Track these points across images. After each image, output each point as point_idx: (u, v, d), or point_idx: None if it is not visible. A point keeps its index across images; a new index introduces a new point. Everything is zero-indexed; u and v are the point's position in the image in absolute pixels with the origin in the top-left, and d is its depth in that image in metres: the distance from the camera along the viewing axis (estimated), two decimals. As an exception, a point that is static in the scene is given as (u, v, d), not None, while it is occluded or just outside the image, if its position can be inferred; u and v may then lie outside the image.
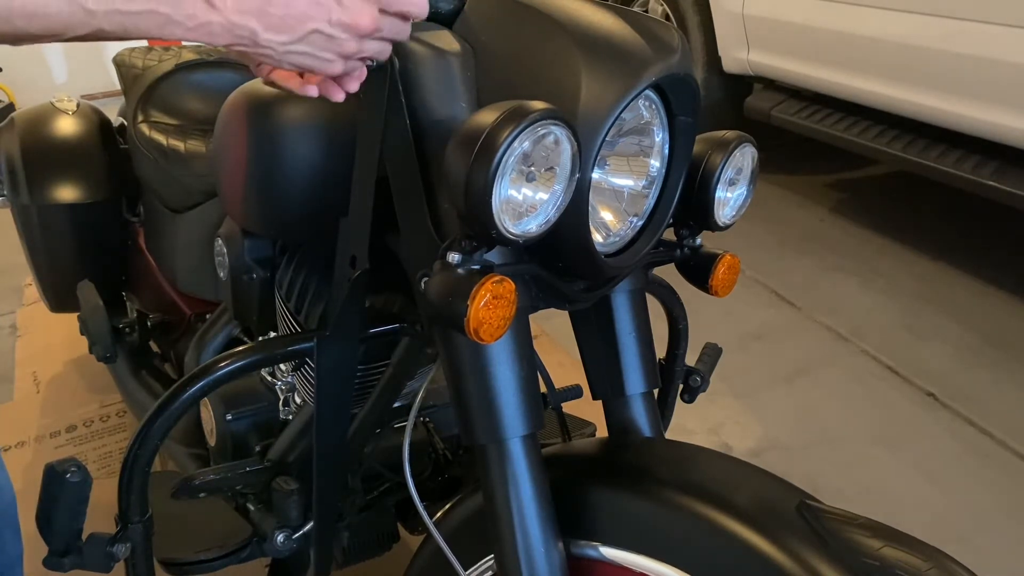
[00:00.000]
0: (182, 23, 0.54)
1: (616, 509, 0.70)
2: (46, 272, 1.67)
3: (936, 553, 0.60)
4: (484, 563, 0.78)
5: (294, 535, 0.99)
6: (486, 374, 0.68)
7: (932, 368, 2.04)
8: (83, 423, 1.84)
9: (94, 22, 0.52)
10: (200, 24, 0.54)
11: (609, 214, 0.73)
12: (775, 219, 2.89)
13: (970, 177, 2.19)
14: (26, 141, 1.58)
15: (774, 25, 2.70)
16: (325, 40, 0.58)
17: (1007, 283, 2.41)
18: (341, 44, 0.59)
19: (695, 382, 1.04)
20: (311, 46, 0.58)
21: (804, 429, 1.85)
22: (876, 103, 2.45)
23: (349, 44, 0.59)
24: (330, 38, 0.58)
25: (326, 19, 0.57)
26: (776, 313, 2.34)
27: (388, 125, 0.70)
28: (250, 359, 0.83)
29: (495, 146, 0.57)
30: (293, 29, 0.57)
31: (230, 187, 0.95)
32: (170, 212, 1.42)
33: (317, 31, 0.58)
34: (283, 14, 0.56)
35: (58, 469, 0.75)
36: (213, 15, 0.54)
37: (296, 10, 0.56)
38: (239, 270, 0.99)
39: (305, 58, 0.59)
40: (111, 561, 0.81)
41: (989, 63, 2.03)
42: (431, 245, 0.67)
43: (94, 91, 4.78)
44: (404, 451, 0.80)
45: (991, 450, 1.76)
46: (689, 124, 0.72)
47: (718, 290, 0.82)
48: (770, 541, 0.61)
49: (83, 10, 0.51)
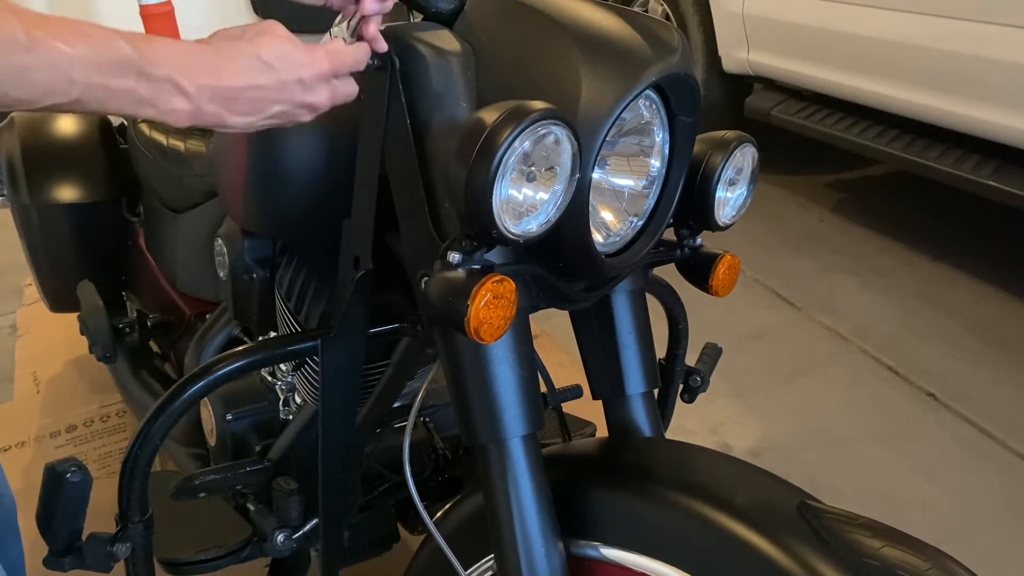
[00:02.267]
0: (156, 106, 0.57)
1: (616, 509, 0.70)
2: (46, 272, 1.67)
3: (936, 553, 0.60)
4: (484, 563, 0.78)
5: (294, 535, 0.99)
6: (486, 374, 0.68)
7: (932, 368, 2.04)
8: (83, 423, 1.84)
9: (74, 92, 0.53)
10: (172, 110, 0.57)
11: (609, 214, 0.73)
12: (775, 219, 2.89)
13: (970, 177, 2.19)
14: (26, 141, 1.58)
15: (774, 25, 2.69)
16: (287, 115, 0.63)
17: (1007, 283, 2.41)
18: (299, 117, 0.64)
19: (695, 382, 1.04)
20: (276, 119, 0.63)
21: (804, 429, 1.85)
22: (876, 103, 2.45)
23: (309, 116, 0.65)
24: (293, 114, 0.63)
25: (291, 101, 0.62)
26: (776, 313, 2.34)
27: (388, 125, 0.70)
28: (250, 359, 0.83)
29: (495, 146, 0.57)
30: (259, 112, 0.61)
31: (230, 187, 0.95)
32: (170, 212, 1.42)
33: (281, 111, 0.62)
34: (252, 98, 0.60)
35: (58, 469, 0.75)
36: (185, 104, 0.58)
37: (264, 96, 0.61)
38: (239, 270, 0.99)
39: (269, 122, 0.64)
40: (111, 561, 0.81)
41: (989, 63, 2.03)
42: (431, 245, 0.67)
43: (94, 91, 4.76)
44: (404, 451, 0.80)
45: (991, 450, 1.76)
46: (689, 124, 0.72)
47: (718, 290, 0.82)
48: (770, 541, 0.61)
49: (66, 79, 0.52)
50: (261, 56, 0.60)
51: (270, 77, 0.60)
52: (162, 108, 0.57)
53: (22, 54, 0.50)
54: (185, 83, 0.57)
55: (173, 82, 0.56)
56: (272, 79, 0.60)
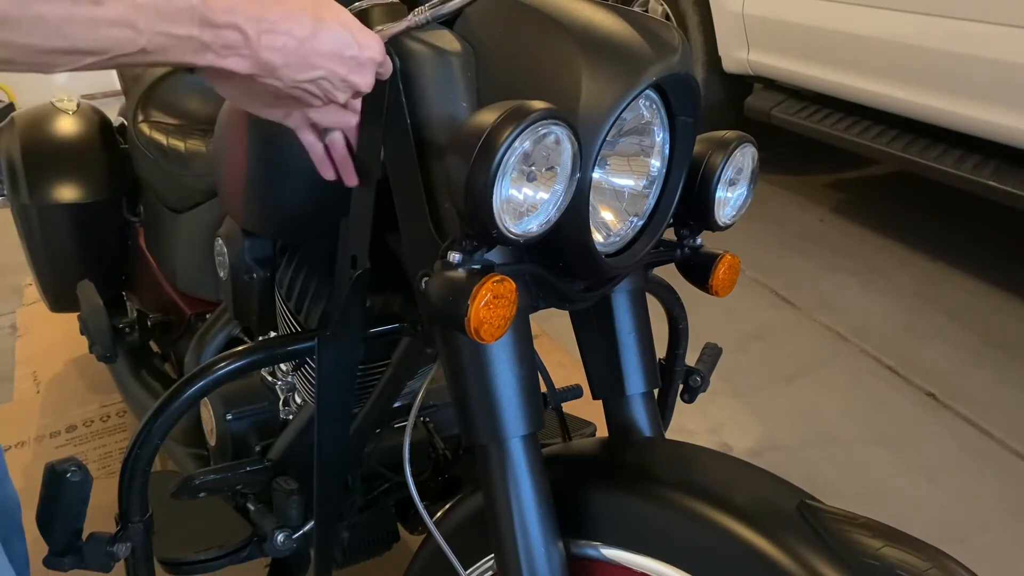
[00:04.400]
0: (217, 52, 0.58)
1: (616, 509, 0.70)
2: (46, 272, 1.67)
3: (936, 553, 0.60)
4: (484, 563, 0.78)
5: (294, 535, 0.99)
6: (486, 374, 0.68)
7: (932, 368, 2.04)
8: (83, 423, 1.84)
9: (140, 41, 0.54)
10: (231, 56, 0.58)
11: (609, 214, 0.73)
12: (775, 219, 2.89)
13: (970, 177, 2.19)
14: (26, 141, 1.58)
15: (774, 25, 2.70)
16: (329, 87, 0.64)
17: (1007, 283, 2.41)
18: (337, 93, 0.65)
19: (695, 382, 1.04)
20: (316, 87, 0.64)
21: (804, 429, 1.85)
22: (876, 103, 2.45)
23: (343, 95, 0.65)
24: (333, 87, 0.64)
25: (338, 74, 0.63)
26: (776, 313, 2.34)
27: (388, 125, 0.70)
28: (250, 359, 0.83)
29: (496, 146, 0.57)
30: (310, 71, 0.62)
31: (230, 187, 0.95)
32: (170, 212, 1.42)
33: (327, 79, 0.63)
34: (306, 56, 0.61)
35: (58, 469, 0.75)
36: (246, 49, 0.58)
37: (318, 56, 0.61)
38: (239, 270, 0.99)
39: (303, 94, 0.64)
40: (111, 561, 0.81)
41: (989, 63, 2.03)
42: (431, 245, 0.67)
43: (94, 91, 4.77)
44: (404, 451, 0.80)
45: (991, 450, 1.76)
46: (689, 124, 0.72)
47: (718, 290, 0.82)
48: (770, 541, 0.61)
49: (133, 29, 0.53)
50: (324, 19, 0.61)
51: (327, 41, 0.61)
52: (222, 55, 0.58)
53: (89, 6, 0.50)
54: (249, 30, 0.57)
55: (235, 27, 0.57)
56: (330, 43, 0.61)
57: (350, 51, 0.62)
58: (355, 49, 0.62)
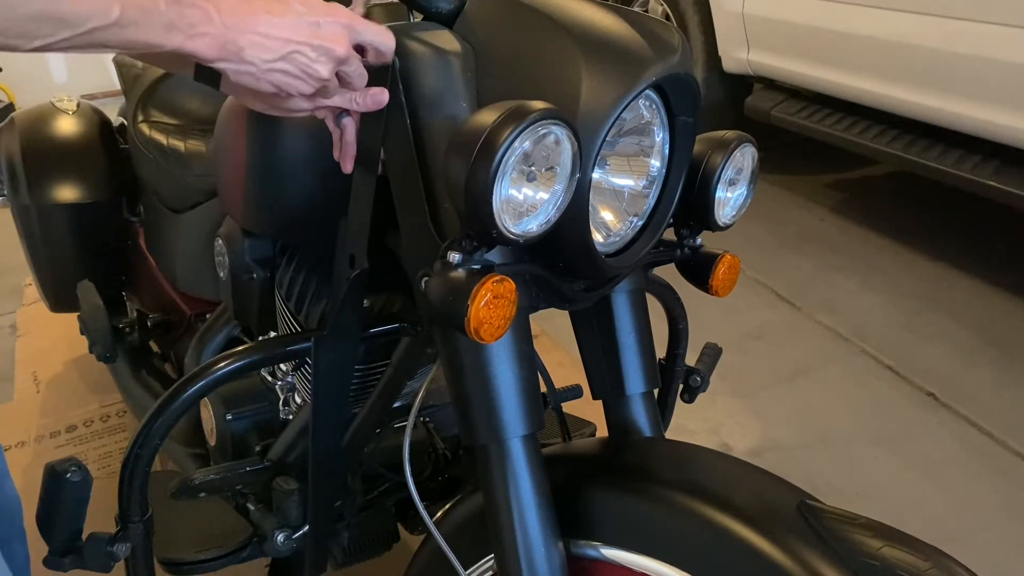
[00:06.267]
0: (184, 31, 0.59)
1: (616, 509, 0.70)
2: (46, 272, 1.67)
3: (936, 553, 0.60)
4: (484, 563, 0.78)
5: (294, 535, 0.99)
6: (486, 374, 0.68)
7: (932, 368, 2.04)
8: (83, 423, 1.84)
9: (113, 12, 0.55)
10: (198, 34, 0.60)
11: (609, 214, 0.73)
12: (775, 219, 2.89)
13: (970, 177, 2.19)
14: (26, 141, 1.58)
15: (774, 25, 2.69)
16: (303, 60, 0.64)
17: (1007, 283, 2.41)
18: (316, 67, 0.65)
19: (695, 382, 1.04)
20: (290, 64, 0.64)
21: (804, 429, 1.85)
22: (876, 103, 2.45)
23: (323, 67, 0.65)
24: (307, 59, 0.64)
25: (306, 41, 0.63)
26: (776, 313, 2.34)
27: (388, 125, 0.70)
28: (250, 359, 0.83)
29: (496, 146, 0.57)
30: (275, 49, 0.63)
31: (230, 187, 0.95)
32: (170, 212, 1.42)
33: (297, 52, 0.64)
34: (266, 32, 0.62)
35: (58, 469, 0.75)
36: (210, 27, 0.60)
37: (279, 32, 0.63)
38: (239, 270, 1.00)
39: (283, 76, 0.65)
40: (111, 561, 0.81)
41: (989, 63, 2.03)
42: (431, 245, 0.67)
43: (94, 91, 4.77)
44: (404, 451, 0.80)
45: (991, 450, 1.76)
46: (689, 124, 0.72)
47: (718, 290, 0.82)
48: (770, 541, 0.61)
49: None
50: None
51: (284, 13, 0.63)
52: (189, 35, 0.59)
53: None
54: (209, 7, 0.60)
55: (196, 5, 0.59)
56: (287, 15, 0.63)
57: (309, 17, 0.63)
58: (315, 15, 0.63)
